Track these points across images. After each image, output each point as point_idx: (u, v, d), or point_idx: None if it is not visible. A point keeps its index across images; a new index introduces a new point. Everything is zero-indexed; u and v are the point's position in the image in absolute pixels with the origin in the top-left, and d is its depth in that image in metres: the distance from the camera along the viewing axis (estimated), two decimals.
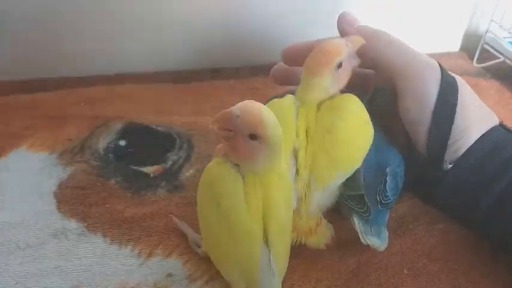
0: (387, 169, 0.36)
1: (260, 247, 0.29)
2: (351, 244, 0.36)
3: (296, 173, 0.33)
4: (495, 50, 0.62)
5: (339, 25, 0.39)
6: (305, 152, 0.33)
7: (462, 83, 0.37)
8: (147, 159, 0.45)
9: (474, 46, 0.65)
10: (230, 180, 0.29)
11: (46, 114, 0.50)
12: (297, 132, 0.34)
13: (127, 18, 0.55)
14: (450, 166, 0.36)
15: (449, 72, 0.37)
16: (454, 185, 0.37)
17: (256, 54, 0.60)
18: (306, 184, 0.33)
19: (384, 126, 0.40)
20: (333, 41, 0.35)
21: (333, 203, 0.35)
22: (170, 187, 0.42)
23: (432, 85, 0.36)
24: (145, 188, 0.42)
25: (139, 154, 0.46)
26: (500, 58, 0.61)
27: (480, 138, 0.36)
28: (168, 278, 0.34)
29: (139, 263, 0.35)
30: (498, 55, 0.62)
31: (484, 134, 0.36)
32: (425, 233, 0.38)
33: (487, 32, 0.63)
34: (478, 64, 0.64)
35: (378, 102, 0.41)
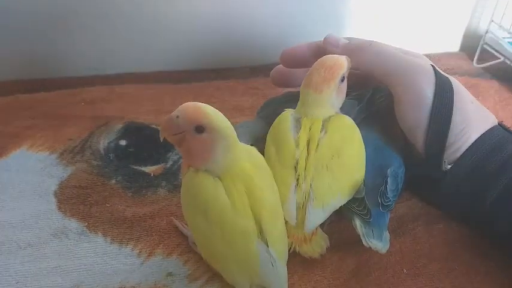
0: (388, 171, 0.36)
1: (256, 243, 0.30)
2: (351, 244, 0.36)
3: (296, 184, 0.33)
4: (495, 50, 0.62)
5: (325, 49, 0.39)
6: (305, 163, 0.34)
7: (457, 84, 0.37)
8: (148, 159, 0.45)
9: (474, 46, 0.65)
10: (210, 185, 0.30)
11: (46, 114, 0.50)
12: (297, 142, 0.34)
13: (127, 18, 0.56)
14: (449, 166, 0.36)
15: (442, 72, 0.37)
16: (454, 185, 0.37)
17: (256, 54, 0.60)
18: (305, 195, 0.33)
19: (384, 126, 0.40)
20: (333, 56, 0.36)
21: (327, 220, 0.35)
22: (170, 187, 0.42)
23: (427, 89, 0.36)
24: (145, 188, 0.42)
25: (139, 154, 0.46)
26: (500, 58, 0.61)
27: (480, 138, 0.36)
28: (169, 278, 0.34)
29: (139, 263, 0.35)
30: (498, 55, 0.62)
31: (484, 134, 0.36)
32: (425, 233, 0.38)
33: (487, 32, 0.63)
34: (478, 64, 0.64)
35: (378, 102, 0.41)
